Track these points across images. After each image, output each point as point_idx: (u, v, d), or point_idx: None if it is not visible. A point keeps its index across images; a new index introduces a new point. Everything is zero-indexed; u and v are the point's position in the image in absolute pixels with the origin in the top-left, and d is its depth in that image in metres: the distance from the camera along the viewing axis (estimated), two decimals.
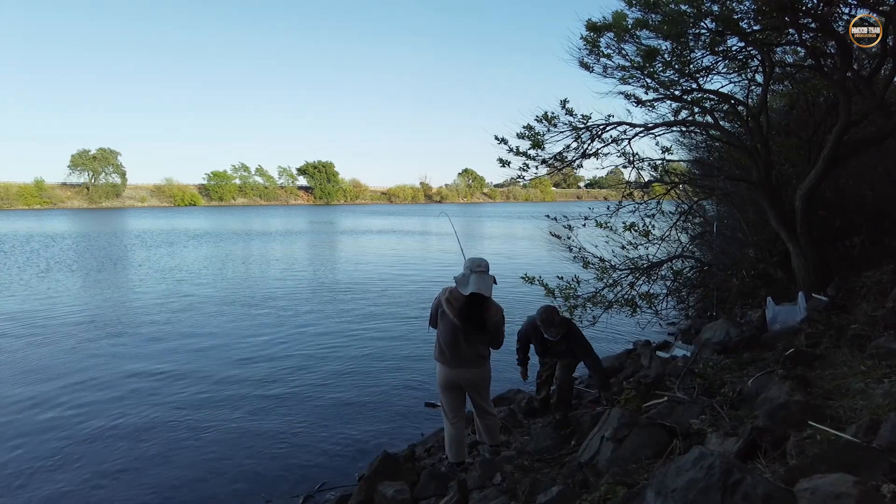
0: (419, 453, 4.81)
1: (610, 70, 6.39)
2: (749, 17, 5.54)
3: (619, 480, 2.63)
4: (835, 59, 5.68)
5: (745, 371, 4.03)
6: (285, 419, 5.81)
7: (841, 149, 5.64)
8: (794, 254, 6.05)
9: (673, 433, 3.11)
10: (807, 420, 2.59)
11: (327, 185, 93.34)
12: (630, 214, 6.93)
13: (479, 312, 3.85)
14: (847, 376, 3.24)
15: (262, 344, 8.73)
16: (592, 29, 6.08)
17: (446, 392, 4.07)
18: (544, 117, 6.43)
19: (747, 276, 6.94)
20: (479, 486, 3.54)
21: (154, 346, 8.65)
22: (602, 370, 4.93)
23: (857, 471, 1.80)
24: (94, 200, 75.36)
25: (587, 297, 6.89)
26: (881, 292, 4.78)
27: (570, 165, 6.81)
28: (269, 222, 44.60)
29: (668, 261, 7.40)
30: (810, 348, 4.10)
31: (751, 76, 6.82)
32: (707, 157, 8.92)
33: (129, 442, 5.31)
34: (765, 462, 2.38)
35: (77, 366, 7.62)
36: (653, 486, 1.99)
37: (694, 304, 8.81)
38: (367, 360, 7.84)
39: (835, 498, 1.57)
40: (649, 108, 6.83)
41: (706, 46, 5.97)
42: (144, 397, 6.44)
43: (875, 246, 6.39)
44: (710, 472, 1.83)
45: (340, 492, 4.32)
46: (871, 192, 6.96)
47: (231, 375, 7.18)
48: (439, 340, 3.98)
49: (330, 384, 6.85)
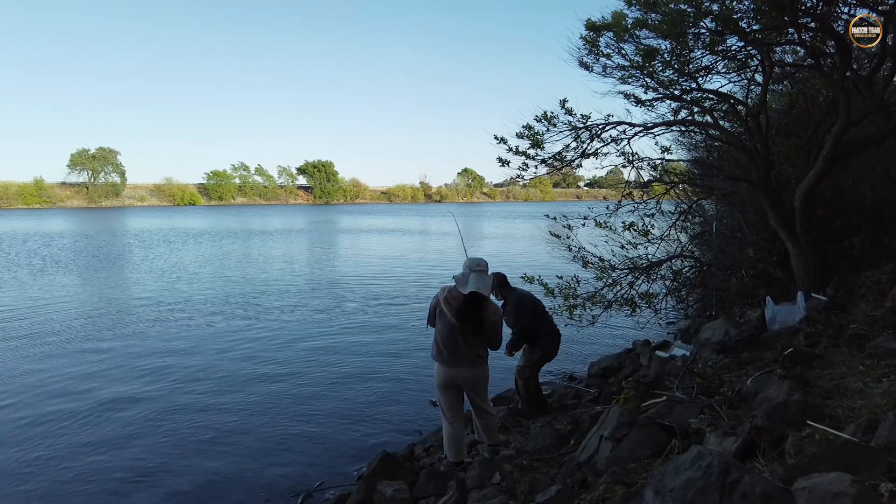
0: (418, 453, 4.81)
1: (609, 70, 6.40)
2: (749, 17, 5.54)
3: (617, 480, 2.63)
4: (834, 59, 5.68)
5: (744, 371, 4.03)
6: (284, 418, 5.80)
7: (840, 149, 5.63)
8: (793, 253, 6.05)
9: (672, 432, 3.11)
10: (805, 419, 2.59)
11: (327, 185, 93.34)
12: (629, 214, 6.94)
13: (478, 312, 3.85)
14: (846, 376, 3.24)
15: (259, 343, 8.73)
16: (592, 28, 6.08)
17: (444, 391, 4.07)
18: (544, 117, 6.43)
19: (746, 276, 6.95)
20: (478, 485, 3.54)
21: (151, 344, 8.64)
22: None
23: (855, 470, 1.80)
24: (94, 200, 75.34)
25: (587, 297, 6.90)
26: (880, 292, 4.78)
27: (569, 165, 6.81)
28: (269, 221, 44.61)
29: (668, 260, 7.40)
30: (809, 348, 4.10)
31: (750, 76, 6.82)
32: (706, 156, 8.91)
33: (126, 442, 5.31)
34: (763, 461, 2.38)
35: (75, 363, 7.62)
36: (651, 486, 1.99)
37: (693, 304, 8.82)
38: (366, 360, 7.83)
39: (832, 497, 1.57)
40: (649, 108, 6.84)
41: (706, 46, 5.97)
42: (142, 397, 6.43)
43: (874, 246, 6.39)
44: (708, 472, 1.83)
45: (340, 491, 4.32)
46: (871, 192, 6.96)
47: (229, 375, 7.17)
48: (437, 340, 3.99)
49: (329, 383, 6.85)
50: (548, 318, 5.28)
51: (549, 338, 5.17)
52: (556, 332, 5.24)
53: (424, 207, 79.01)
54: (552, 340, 5.19)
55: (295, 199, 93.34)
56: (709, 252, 8.72)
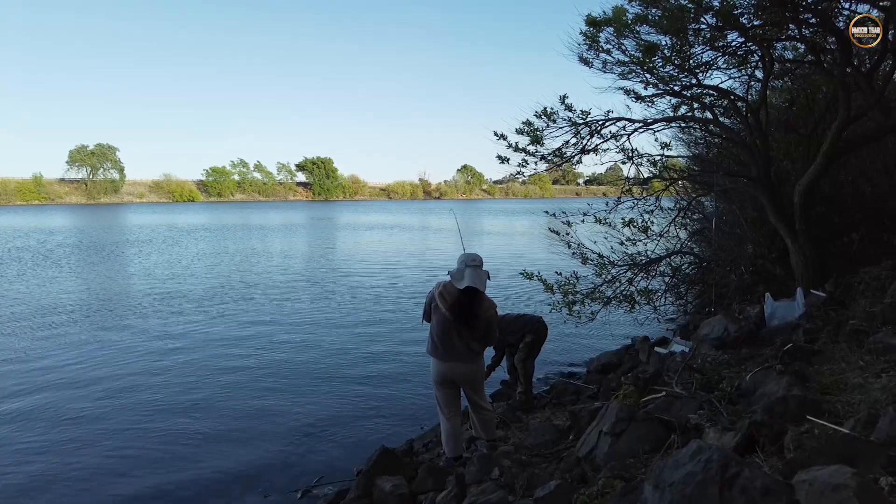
0: (417, 448, 4.81)
1: (609, 65, 6.39)
2: (749, 13, 5.53)
3: (616, 474, 2.63)
4: (835, 55, 5.66)
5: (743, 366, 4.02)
6: (283, 414, 5.80)
7: (840, 145, 5.63)
8: (792, 250, 6.05)
9: (671, 428, 3.10)
10: (805, 415, 2.58)
11: (326, 182, 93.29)
12: (629, 211, 6.93)
13: (473, 307, 3.85)
14: (845, 371, 3.24)
15: (258, 338, 8.72)
16: (592, 24, 6.07)
17: (441, 387, 4.07)
18: (543, 113, 6.42)
19: (746, 273, 6.95)
20: (477, 480, 3.53)
21: (146, 339, 8.64)
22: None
23: (855, 464, 1.80)
24: (93, 196, 75.26)
25: (586, 293, 6.89)
26: (879, 288, 4.78)
27: (569, 161, 6.80)
28: (268, 218, 44.57)
29: (667, 257, 7.40)
30: (808, 344, 4.10)
31: (750, 72, 6.81)
32: (706, 153, 8.91)
33: (123, 437, 5.30)
34: (763, 456, 2.38)
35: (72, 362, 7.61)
36: (651, 480, 1.98)
37: (692, 301, 8.81)
38: (365, 355, 7.83)
39: (833, 489, 1.56)
40: (648, 104, 6.82)
41: (706, 42, 5.96)
42: (140, 392, 6.42)
43: (873, 242, 6.39)
44: (707, 466, 1.83)
45: (338, 486, 4.32)
46: (870, 188, 6.96)
47: (227, 370, 7.17)
48: (432, 335, 3.99)
49: (327, 379, 6.85)
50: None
51: (535, 322, 5.54)
52: (538, 318, 5.61)
53: (423, 204, 78.97)
54: (538, 324, 5.53)
55: (294, 195, 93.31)
56: (708, 249, 8.71)
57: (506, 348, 5.69)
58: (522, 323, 5.52)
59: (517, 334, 5.48)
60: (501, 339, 5.32)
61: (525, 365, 5.49)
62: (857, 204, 6.86)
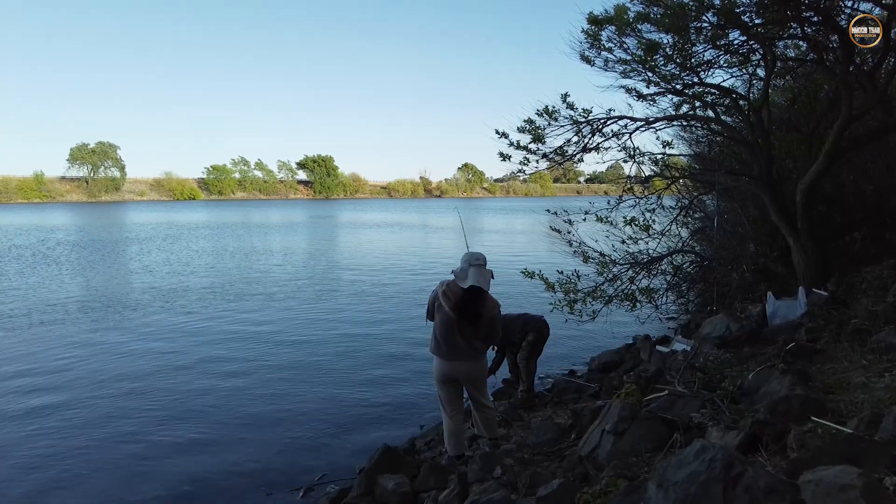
0: (419, 446, 4.82)
1: (611, 64, 6.39)
2: (751, 11, 5.53)
3: (619, 473, 2.63)
4: (837, 54, 5.66)
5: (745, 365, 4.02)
6: (285, 412, 5.81)
7: (842, 144, 5.63)
8: (794, 249, 6.05)
9: (673, 427, 3.11)
10: (808, 414, 2.58)
11: (327, 180, 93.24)
12: (630, 209, 6.93)
13: (477, 306, 3.85)
14: (848, 370, 3.24)
15: (259, 336, 8.73)
16: (594, 22, 6.07)
17: (443, 385, 4.07)
18: (545, 111, 6.42)
19: (747, 271, 6.95)
20: (479, 479, 3.54)
21: (148, 335, 8.65)
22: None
23: (859, 464, 1.80)
24: (94, 194, 75.28)
25: (587, 292, 6.89)
26: (881, 287, 4.78)
27: (570, 159, 6.81)
28: (269, 216, 44.56)
29: (669, 255, 7.40)
30: (811, 343, 4.11)
31: (752, 70, 6.80)
32: (708, 151, 8.90)
33: (125, 436, 5.30)
34: (766, 455, 2.38)
35: (72, 361, 7.62)
36: (654, 479, 1.99)
37: (694, 299, 8.82)
38: (367, 354, 7.83)
39: (839, 489, 1.56)
40: (650, 103, 6.83)
41: (708, 40, 5.96)
42: (142, 390, 6.43)
43: (875, 241, 6.39)
44: (711, 465, 1.83)
45: (341, 484, 4.33)
46: (872, 187, 6.95)
47: (228, 369, 7.17)
48: (435, 334, 3.99)
49: (329, 377, 6.85)
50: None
51: (536, 321, 5.54)
52: (540, 317, 5.62)
53: (424, 202, 78.92)
54: (539, 323, 5.54)
55: (295, 193, 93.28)
56: (709, 247, 8.72)
57: (507, 348, 5.69)
58: (524, 322, 5.52)
59: (519, 333, 5.48)
60: (504, 338, 5.32)
61: (528, 364, 5.50)
62: (859, 203, 6.85)
